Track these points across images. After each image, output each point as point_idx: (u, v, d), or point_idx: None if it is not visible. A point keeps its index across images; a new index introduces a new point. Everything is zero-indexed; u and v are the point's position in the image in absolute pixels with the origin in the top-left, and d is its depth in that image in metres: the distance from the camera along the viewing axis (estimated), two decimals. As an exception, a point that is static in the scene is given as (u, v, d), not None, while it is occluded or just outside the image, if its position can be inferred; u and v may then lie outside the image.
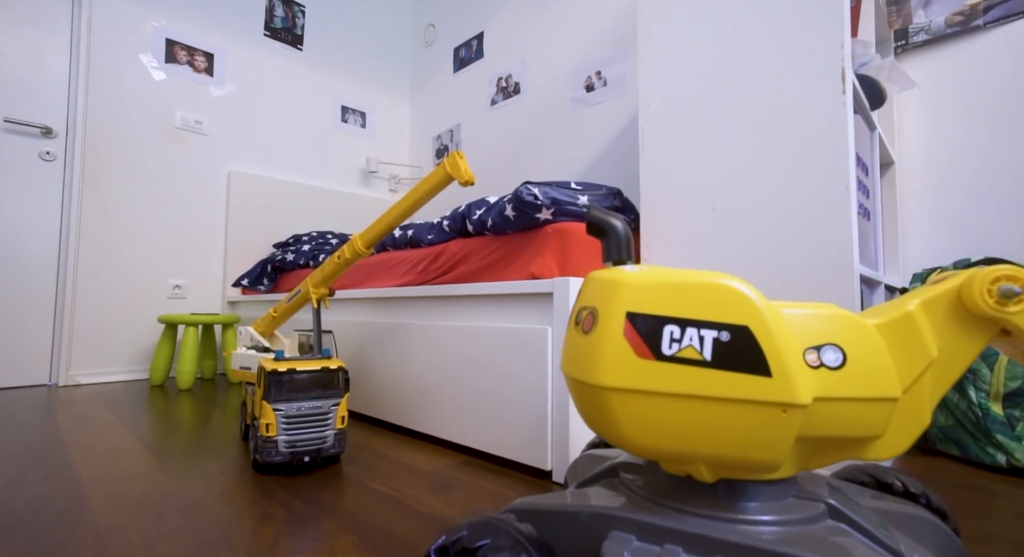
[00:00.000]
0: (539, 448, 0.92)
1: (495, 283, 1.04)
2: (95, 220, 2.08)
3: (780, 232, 0.89)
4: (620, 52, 2.12)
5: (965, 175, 1.33)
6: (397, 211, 1.02)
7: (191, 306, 2.31)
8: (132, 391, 1.85)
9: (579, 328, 0.48)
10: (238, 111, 2.50)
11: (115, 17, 2.16)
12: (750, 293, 0.41)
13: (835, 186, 0.83)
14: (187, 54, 2.35)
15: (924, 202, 1.38)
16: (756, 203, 0.92)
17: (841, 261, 0.82)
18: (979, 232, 1.30)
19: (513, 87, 2.60)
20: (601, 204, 1.12)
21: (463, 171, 0.92)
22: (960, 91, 1.34)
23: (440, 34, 3.09)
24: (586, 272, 1.01)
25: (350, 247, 1.10)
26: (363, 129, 3.04)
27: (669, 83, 1.05)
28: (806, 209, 0.86)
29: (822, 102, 0.85)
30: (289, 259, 1.98)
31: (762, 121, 0.92)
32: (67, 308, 2.00)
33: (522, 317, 1.00)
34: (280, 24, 2.70)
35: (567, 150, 2.30)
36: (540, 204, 1.01)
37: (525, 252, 1.06)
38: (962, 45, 1.34)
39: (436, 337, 1.15)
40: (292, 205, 2.64)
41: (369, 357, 1.36)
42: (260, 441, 0.93)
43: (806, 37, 0.87)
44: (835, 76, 0.84)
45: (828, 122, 0.84)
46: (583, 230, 1.04)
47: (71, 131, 2.07)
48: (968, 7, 1.33)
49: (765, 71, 0.92)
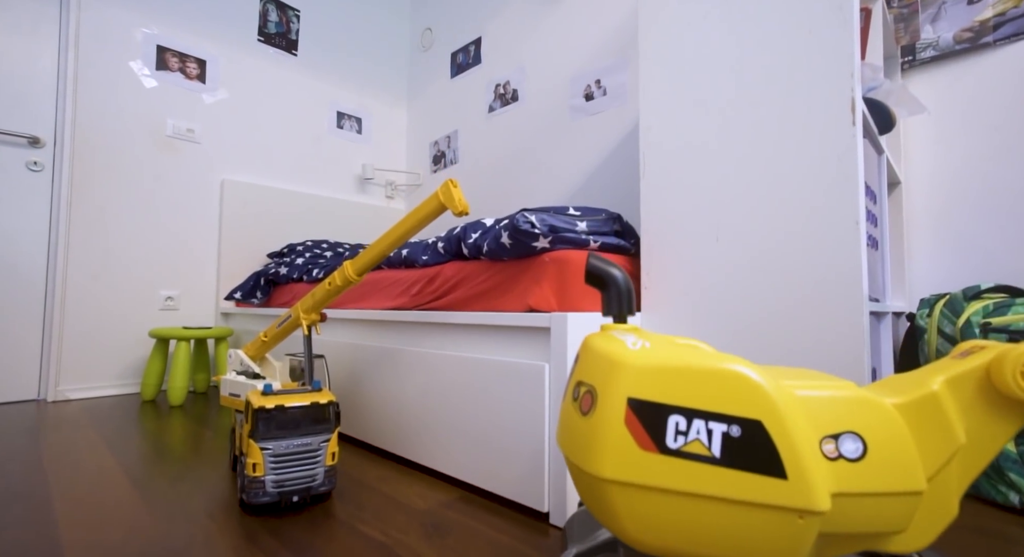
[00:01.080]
0: (536, 488, 0.89)
1: (492, 314, 1.01)
2: (84, 231, 2.04)
3: (786, 265, 0.86)
4: (620, 61, 2.08)
5: (973, 195, 1.29)
6: (389, 239, 0.99)
7: (184, 318, 2.27)
8: (122, 408, 1.82)
9: (576, 405, 0.44)
10: (231, 118, 2.46)
11: (104, 24, 2.11)
12: (762, 382, 0.38)
13: (844, 222, 0.79)
14: (179, 61, 2.31)
15: (931, 223, 1.35)
16: (762, 235, 0.89)
17: (850, 297, 0.79)
18: (987, 254, 1.27)
19: (511, 94, 2.56)
20: (601, 229, 1.09)
21: (457, 201, 0.89)
22: (968, 109, 1.31)
23: (437, 39, 3.05)
24: (585, 304, 0.98)
25: (341, 274, 1.06)
26: (359, 135, 3.00)
27: (670, 108, 1.02)
28: (814, 243, 0.83)
29: (831, 132, 0.81)
30: (283, 273, 1.95)
31: (768, 150, 0.88)
32: (56, 322, 1.96)
33: (519, 350, 0.96)
34: (274, 29, 2.65)
35: (566, 159, 2.26)
36: (537, 232, 0.97)
37: (522, 281, 1.03)
38: (971, 62, 1.31)
39: (431, 365, 1.12)
40: (287, 213, 2.60)
41: (362, 381, 1.32)
42: (247, 481, 0.89)
43: (814, 64, 0.83)
44: (844, 106, 0.80)
45: (837, 155, 0.80)
46: (582, 260, 1.00)
47: (59, 141, 2.03)
48: (978, 23, 1.29)
49: (771, 98, 0.88)
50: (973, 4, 1.30)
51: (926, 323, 1.16)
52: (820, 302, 0.82)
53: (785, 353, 0.85)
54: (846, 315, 0.79)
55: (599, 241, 1.06)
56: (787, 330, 0.85)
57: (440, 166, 2.98)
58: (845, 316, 0.80)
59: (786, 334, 0.85)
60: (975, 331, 1.02)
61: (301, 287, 1.85)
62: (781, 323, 0.86)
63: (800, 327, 0.84)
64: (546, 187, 2.35)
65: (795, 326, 0.84)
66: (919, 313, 1.19)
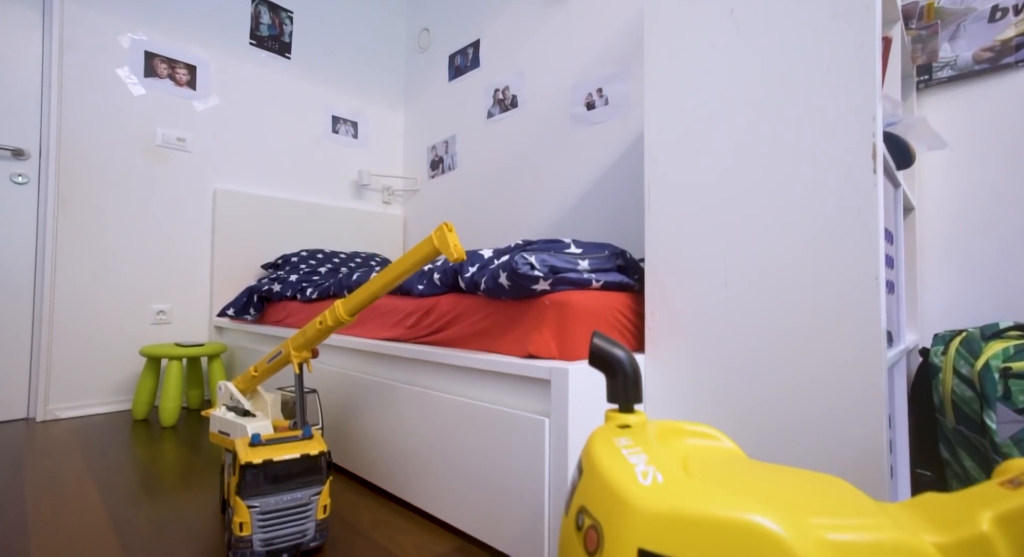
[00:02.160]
0: (535, 546, 0.85)
1: (490, 357, 0.96)
2: (72, 246, 1.99)
3: (798, 316, 0.81)
4: (622, 69, 2.02)
5: (991, 225, 1.24)
6: (382, 282, 0.94)
7: (176, 331, 2.23)
8: (112, 429, 1.78)
9: (580, 538, 0.40)
10: (223, 126, 2.40)
11: (89, 30, 2.04)
12: (787, 536, 0.33)
13: (862, 275, 0.75)
14: (168, 67, 2.24)
15: (946, 251, 1.30)
16: (774, 284, 0.84)
17: (868, 357, 0.75)
18: (1005, 284, 1.22)
19: (510, 100, 2.49)
20: (603, 266, 1.04)
21: (452, 248, 0.84)
22: (987, 133, 1.26)
23: (434, 40, 2.97)
24: (586, 351, 0.93)
25: (332, 314, 1.02)
26: (355, 139, 2.93)
27: (678, 142, 0.96)
28: (829, 296, 0.78)
29: (850, 180, 0.76)
30: (276, 290, 1.90)
31: (781, 194, 0.83)
32: (45, 339, 1.91)
33: (519, 399, 0.92)
34: (267, 32, 2.58)
35: (567, 169, 2.21)
36: (538, 275, 0.92)
37: (521, 323, 0.98)
38: (991, 83, 1.25)
39: (428, 404, 1.07)
40: (281, 222, 2.55)
41: (356, 412, 1.28)
42: (233, 540, 0.86)
43: (832, 104, 0.78)
44: (865, 153, 0.75)
45: (857, 206, 0.75)
46: (583, 302, 0.96)
47: (45, 152, 1.97)
48: (999, 43, 1.24)
49: (785, 138, 0.83)
50: (995, 22, 1.24)
51: (940, 361, 1.12)
52: (835, 358, 0.78)
53: (796, 409, 0.81)
54: (863, 372, 0.75)
55: (601, 280, 1.01)
56: (799, 385, 0.81)
57: (438, 171, 2.92)
58: (862, 374, 0.75)
59: (798, 389, 0.81)
60: (995, 376, 0.98)
61: (295, 305, 1.80)
62: (793, 377, 0.82)
63: (813, 383, 0.79)
64: (547, 197, 2.29)
65: (808, 382, 0.80)
66: (933, 350, 1.15)
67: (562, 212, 2.23)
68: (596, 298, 0.99)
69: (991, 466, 0.96)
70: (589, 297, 0.98)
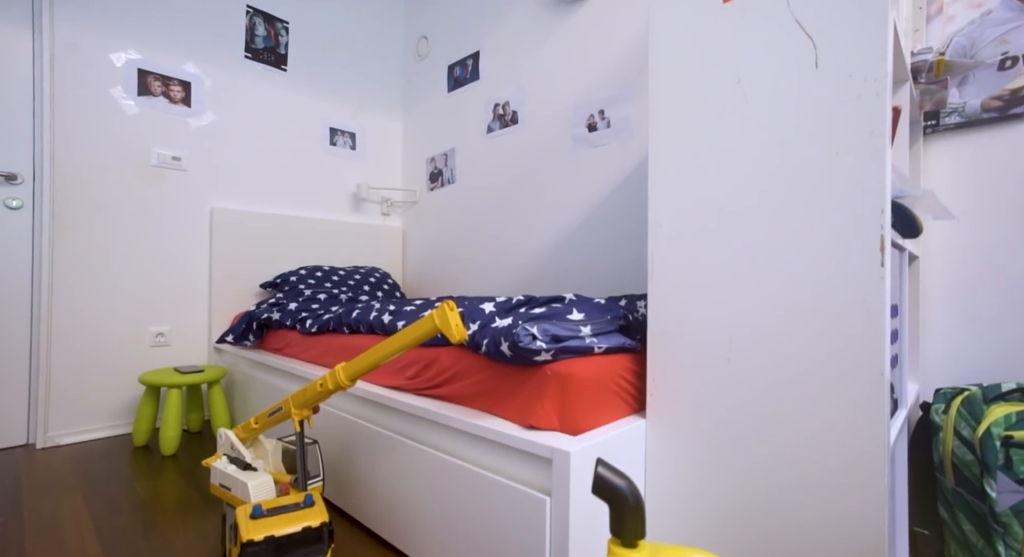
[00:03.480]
0: (536, 622, 0.86)
1: (491, 425, 0.96)
2: (69, 270, 1.97)
3: (801, 406, 0.81)
4: (624, 93, 1.99)
5: (995, 277, 1.24)
6: (382, 353, 0.93)
7: (175, 354, 2.22)
8: (112, 458, 1.78)
9: None
10: (219, 143, 2.36)
11: (80, 49, 2.00)
12: None
13: (866, 373, 0.74)
14: (162, 84, 2.20)
15: (950, 300, 1.29)
16: (777, 365, 0.83)
17: (869, 431, 0.74)
18: (1007, 338, 1.22)
19: (511, 116, 2.46)
20: (606, 330, 1.03)
21: (454, 329, 0.83)
22: (994, 182, 1.24)
23: (433, 48, 2.92)
24: (589, 421, 0.93)
25: (333, 379, 1.01)
26: (353, 151, 2.89)
27: (683, 215, 0.95)
28: (830, 387, 0.78)
29: (857, 270, 0.75)
30: (275, 318, 1.89)
31: (786, 276, 0.82)
32: (43, 364, 1.91)
33: (520, 468, 0.92)
34: (262, 44, 2.53)
35: (568, 190, 2.19)
36: (539, 348, 0.91)
37: (523, 391, 0.98)
38: (998, 132, 1.24)
39: (428, 463, 1.07)
40: (279, 239, 2.53)
41: (357, 459, 1.28)
42: (235, 616, 0.86)
43: (841, 193, 0.77)
44: (873, 244, 0.74)
45: (863, 295, 0.75)
46: (585, 371, 0.95)
47: (39, 176, 1.94)
48: (1008, 92, 1.22)
49: (792, 224, 0.82)
50: (1004, 71, 1.22)
51: (941, 420, 1.12)
52: (835, 438, 0.77)
53: (794, 476, 0.81)
54: (865, 447, 0.75)
55: (604, 346, 1.01)
56: (800, 455, 0.81)
57: (437, 184, 2.89)
58: (864, 448, 0.75)
59: (798, 458, 0.81)
60: (996, 444, 0.98)
61: (294, 336, 1.79)
62: (796, 461, 0.81)
63: (811, 464, 0.79)
64: (548, 217, 2.27)
65: (810, 467, 0.80)
66: (934, 408, 1.15)
67: (564, 233, 2.21)
68: (598, 364, 0.98)
69: (990, 532, 0.97)
70: (591, 364, 0.97)
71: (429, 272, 2.93)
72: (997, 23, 1.23)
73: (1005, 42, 1.22)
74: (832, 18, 0.78)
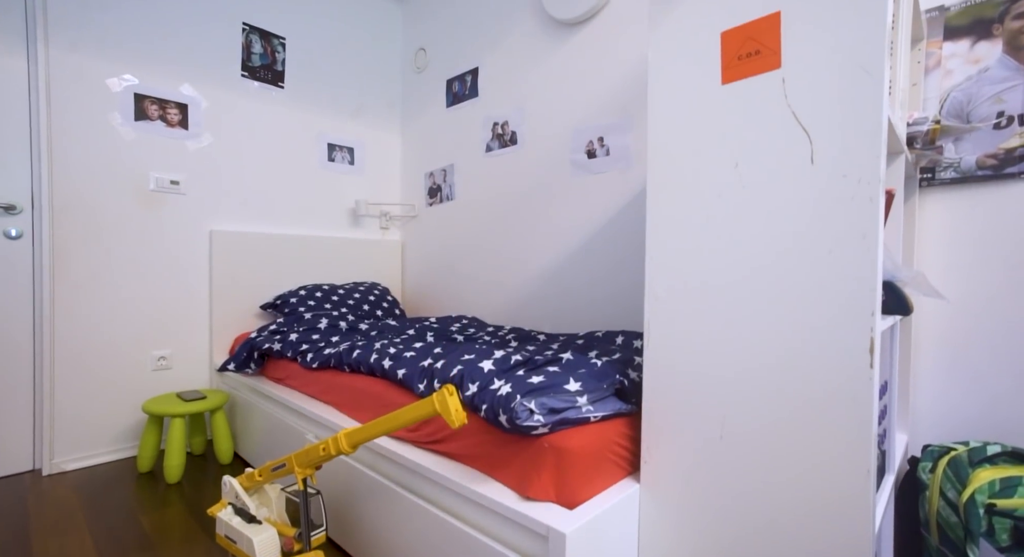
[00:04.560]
0: None
1: (488, 488, 0.99)
2: (69, 297, 1.98)
3: (792, 480, 0.83)
4: (624, 121, 1.99)
5: (986, 333, 1.26)
6: (383, 428, 0.96)
7: (177, 376, 2.25)
8: (118, 486, 1.81)
9: None
10: (217, 164, 2.36)
11: (76, 76, 1.98)
12: None
13: (853, 471, 0.77)
14: (159, 108, 2.19)
15: (940, 354, 1.32)
16: (770, 446, 0.86)
17: (855, 518, 0.77)
18: (998, 394, 1.25)
19: (510, 136, 2.46)
20: (603, 397, 1.05)
21: (453, 414, 0.85)
22: (988, 239, 1.26)
23: (431, 61, 2.90)
24: (585, 493, 0.96)
25: (335, 445, 1.04)
26: (351, 166, 2.89)
27: (679, 291, 0.96)
28: (820, 463, 0.80)
29: (845, 370, 0.77)
30: (276, 349, 1.91)
31: (775, 360, 0.84)
32: (46, 390, 1.93)
33: (517, 537, 0.95)
34: (259, 61, 2.50)
35: (567, 214, 2.20)
36: (537, 423, 0.94)
37: (520, 458, 1.00)
38: (993, 190, 1.25)
39: (426, 520, 1.10)
40: (279, 258, 2.54)
41: (358, 504, 1.31)
42: None
43: (832, 290, 0.78)
44: (863, 345, 0.76)
45: (852, 395, 0.77)
46: (581, 442, 0.97)
47: (37, 206, 1.94)
48: (1003, 151, 1.22)
49: (782, 309, 0.84)
50: (1000, 129, 1.23)
51: (928, 479, 1.15)
52: (825, 523, 0.80)
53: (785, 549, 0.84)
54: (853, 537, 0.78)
55: (599, 414, 1.03)
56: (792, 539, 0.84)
57: (436, 200, 2.89)
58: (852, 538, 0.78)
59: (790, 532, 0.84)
60: (979, 511, 1.01)
61: (295, 368, 1.82)
62: (787, 532, 0.84)
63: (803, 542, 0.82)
64: (547, 239, 2.28)
65: (800, 539, 0.83)
66: (921, 466, 1.18)
67: (563, 256, 2.22)
68: (594, 432, 1.01)
69: (969, 594, 1.01)
70: (587, 433, 1.00)
71: (429, 285, 2.94)
72: (994, 81, 1.24)
73: (1001, 101, 1.23)
74: (828, 114, 0.79)
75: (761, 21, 0.86)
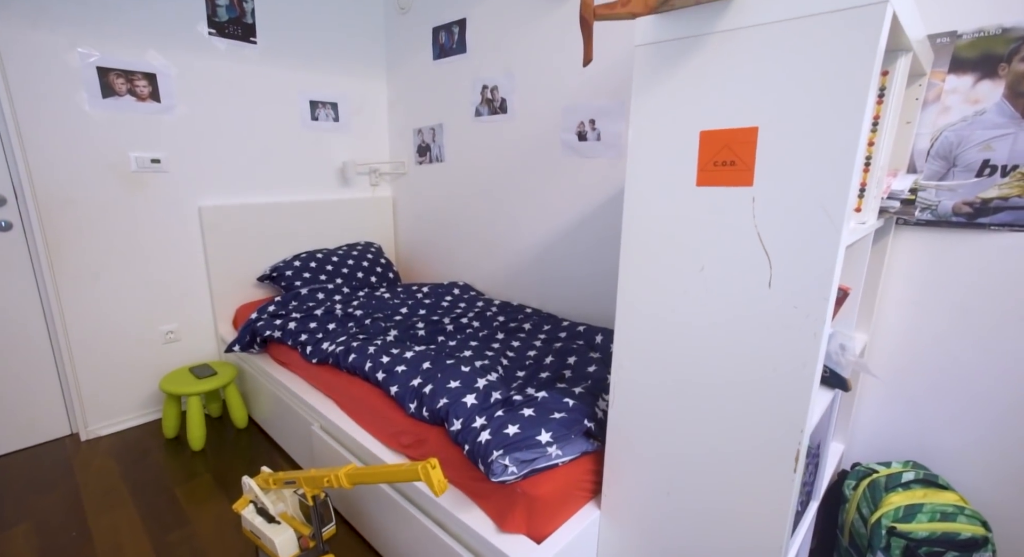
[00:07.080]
0: None
1: (470, 517, 1.17)
2: (72, 291, 2.06)
3: (723, 536, 1.00)
4: (615, 105, 1.91)
5: (926, 366, 1.37)
6: (376, 480, 1.11)
7: (186, 348, 2.40)
8: (149, 454, 2.04)
9: None
10: (196, 137, 2.28)
11: (31, 53, 1.85)
12: None
13: (773, 533, 0.92)
14: (126, 81, 2.06)
15: (887, 383, 1.44)
16: (704, 509, 1.01)
17: None
18: (928, 421, 1.39)
19: (499, 103, 2.35)
20: (573, 442, 1.19)
21: (436, 485, 0.99)
22: (948, 281, 1.32)
23: (416, 1, 2.65)
24: (553, 526, 1.13)
25: (337, 480, 1.20)
26: (336, 123, 2.78)
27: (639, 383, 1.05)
28: (745, 530, 0.97)
29: (772, 472, 0.89)
30: (276, 336, 2.03)
31: (715, 456, 0.96)
32: (69, 373, 2.09)
33: (494, 559, 1.15)
34: (226, 15, 2.30)
35: (558, 194, 2.20)
36: (511, 477, 1.09)
37: (497, 495, 1.17)
38: (963, 236, 1.28)
39: (418, 530, 1.30)
40: (271, 226, 2.56)
41: (358, 504, 1.52)
42: None
43: (773, 407, 0.88)
44: (789, 455, 0.87)
45: (776, 490, 0.90)
46: (551, 487, 1.13)
47: (21, 197, 1.93)
48: (979, 200, 1.24)
49: (723, 422, 0.94)
50: (980, 178, 1.23)
51: (850, 495, 1.34)
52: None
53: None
54: None
55: (567, 457, 1.18)
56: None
57: (426, 159, 2.83)
58: None
59: None
60: (882, 532, 1.21)
61: (295, 357, 1.95)
62: (711, 576, 1.04)
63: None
64: (537, 214, 2.30)
65: (721, 584, 1.02)
66: (847, 483, 1.36)
67: (552, 235, 2.26)
68: (562, 475, 1.17)
69: (864, 592, 1.24)
70: (555, 477, 1.15)
71: (421, 242, 2.99)
72: (987, 126, 1.21)
73: (990, 149, 1.21)
74: (788, 244, 0.82)
75: (739, 132, 0.84)
